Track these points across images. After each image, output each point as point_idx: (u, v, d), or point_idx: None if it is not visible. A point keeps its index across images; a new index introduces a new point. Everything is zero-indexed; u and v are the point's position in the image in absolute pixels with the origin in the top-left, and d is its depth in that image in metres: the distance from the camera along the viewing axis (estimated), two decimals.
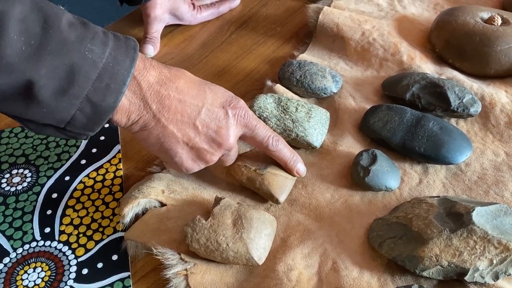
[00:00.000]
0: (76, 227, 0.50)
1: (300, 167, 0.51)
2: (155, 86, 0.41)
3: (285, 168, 0.51)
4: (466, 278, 0.42)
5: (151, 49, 0.71)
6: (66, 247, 0.49)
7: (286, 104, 0.55)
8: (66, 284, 0.46)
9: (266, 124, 0.54)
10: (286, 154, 0.50)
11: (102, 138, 0.59)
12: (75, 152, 0.58)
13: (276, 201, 0.50)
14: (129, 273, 0.47)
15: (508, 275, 0.42)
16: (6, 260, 0.48)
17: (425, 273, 0.43)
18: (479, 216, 0.44)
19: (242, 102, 0.47)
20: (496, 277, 0.43)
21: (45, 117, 0.37)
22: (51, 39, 0.35)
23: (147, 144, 0.44)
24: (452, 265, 0.42)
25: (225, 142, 0.45)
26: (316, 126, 0.55)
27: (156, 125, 0.42)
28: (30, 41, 0.34)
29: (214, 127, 0.44)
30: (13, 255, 0.48)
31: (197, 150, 0.45)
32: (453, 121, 0.59)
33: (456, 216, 0.44)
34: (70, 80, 0.36)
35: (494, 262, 0.42)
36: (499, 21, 0.65)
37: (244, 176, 0.50)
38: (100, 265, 0.47)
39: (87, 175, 0.55)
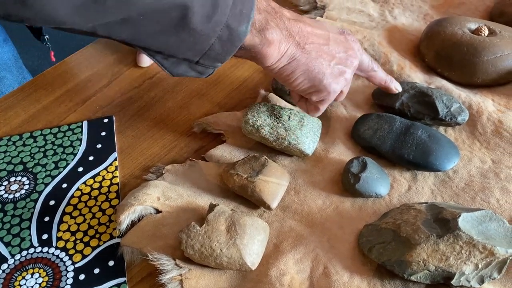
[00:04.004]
0: (73, 233, 0.51)
1: (397, 84, 0.60)
2: (292, 20, 0.46)
3: (383, 87, 0.59)
4: (453, 282, 0.44)
5: (147, 59, 0.72)
6: (64, 253, 0.50)
7: (279, 113, 0.57)
8: None
9: (259, 132, 0.55)
10: (383, 75, 0.58)
11: (99, 146, 0.61)
12: (72, 159, 0.59)
13: (268, 208, 0.51)
14: (125, 278, 0.48)
15: (493, 279, 0.44)
16: (4, 266, 0.49)
17: (413, 278, 0.45)
18: (465, 221, 0.45)
19: (347, 29, 0.53)
20: (481, 281, 0.44)
21: (189, 48, 0.40)
22: None
23: (296, 74, 0.48)
24: (439, 269, 0.44)
25: (355, 60, 0.50)
26: (308, 134, 0.56)
27: (303, 53, 0.46)
28: None
29: (343, 49, 0.49)
30: (11, 261, 0.49)
31: (338, 70, 0.49)
32: (441, 129, 0.60)
33: (443, 222, 0.46)
34: (214, 6, 0.38)
35: (480, 266, 0.43)
36: (486, 32, 0.67)
37: (236, 184, 0.51)
38: (96, 270, 0.48)
39: (84, 183, 0.56)
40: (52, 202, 0.54)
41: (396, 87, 0.59)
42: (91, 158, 0.59)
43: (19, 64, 0.89)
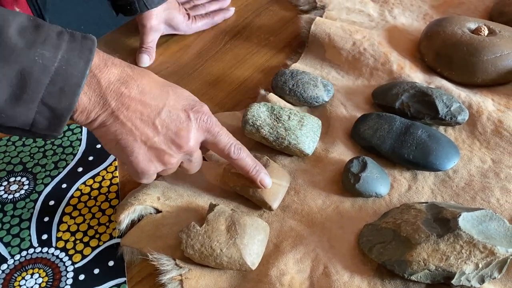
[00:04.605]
0: (73, 233, 0.51)
1: (264, 177, 0.50)
2: (116, 83, 0.41)
3: (248, 178, 0.50)
4: (453, 281, 0.44)
5: (147, 59, 0.72)
6: (63, 254, 0.50)
7: (279, 113, 0.57)
8: None
9: (259, 132, 0.55)
10: (248, 163, 0.49)
11: (99, 146, 0.60)
12: (72, 160, 0.59)
13: (269, 208, 0.51)
14: (125, 278, 0.48)
15: (493, 279, 0.44)
16: (4, 266, 0.49)
17: (413, 277, 0.44)
18: (465, 221, 0.45)
19: (206, 107, 0.47)
20: (482, 280, 0.44)
21: (8, 122, 0.38)
22: None
23: (104, 141, 0.44)
24: (439, 269, 0.44)
25: (185, 145, 0.45)
26: (308, 134, 0.56)
27: (114, 122, 0.42)
28: None
29: (174, 129, 0.44)
30: (10, 261, 0.49)
31: (155, 150, 0.44)
32: (441, 128, 0.60)
33: (443, 222, 0.46)
34: (22, 86, 0.36)
35: (480, 266, 0.43)
36: (486, 32, 0.67)
37: (237, 184, 0.51)
38: (96, 271, 0.48)
39: (84, 183, 0.56)
40: (51, 202, 0.54)
41: (262, 182, 0.50)
42: (90, 158, 0.59)
43: None
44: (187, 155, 0.47)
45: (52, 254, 0.50)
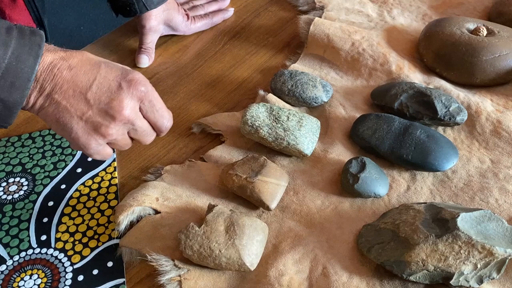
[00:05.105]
0: (72, 234, 0.51)
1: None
2: (49, 67, 0.43)
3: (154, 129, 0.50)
4: (452, 282, 0.44)
5: (146, 59, 0.72)
6: (62, 254, 0.50)
7: (278, 113, 0.57)
8: None
9: (258, 132, 0.55)
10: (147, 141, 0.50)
11: None
12: (71, 160, 0.59)
13: (267, 208, 0.51)
14: (124, 279, 0.48)
15: (492, 279, 0.44)
16: (3, 267, 0.49)
17: (412, 278, 0.45)
18: (463, 221, 0.45)
19: (140, 75, 0.47)
20: (480, 281, 0.44)
21: None
22: None
23: (48, 123, 0.46)
24: (438, 269, 0.44)
25: (118, 114, 0.45)
26: (307, 134, 0.56)
27: (51, 103, 0.44)
28: None
29: (106, 100, 0.44)
30: (9, 262, 0.49)
31: (91, 124, 0.45)
32: (440, 129, 0.60)
33: (441, 222, 0.46)
34: None
35: (478, 266, 0.43)
36: (485, 32, 0.67)
37: (235, 185, 0.51)
38: (95, 271, 0.48)
39: (83, 183, 0.56)
40: (50, 203, 0.54)
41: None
42: (89, 159, 0.59)
43: None
44: (127, 125, 0.46)
45: (51, 255, 0.50)
